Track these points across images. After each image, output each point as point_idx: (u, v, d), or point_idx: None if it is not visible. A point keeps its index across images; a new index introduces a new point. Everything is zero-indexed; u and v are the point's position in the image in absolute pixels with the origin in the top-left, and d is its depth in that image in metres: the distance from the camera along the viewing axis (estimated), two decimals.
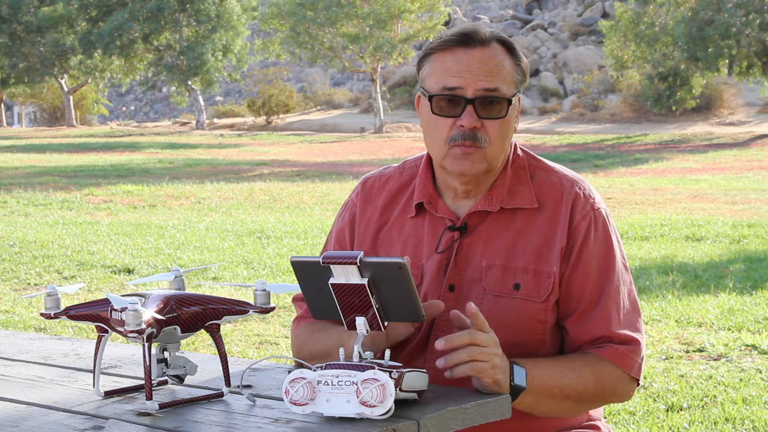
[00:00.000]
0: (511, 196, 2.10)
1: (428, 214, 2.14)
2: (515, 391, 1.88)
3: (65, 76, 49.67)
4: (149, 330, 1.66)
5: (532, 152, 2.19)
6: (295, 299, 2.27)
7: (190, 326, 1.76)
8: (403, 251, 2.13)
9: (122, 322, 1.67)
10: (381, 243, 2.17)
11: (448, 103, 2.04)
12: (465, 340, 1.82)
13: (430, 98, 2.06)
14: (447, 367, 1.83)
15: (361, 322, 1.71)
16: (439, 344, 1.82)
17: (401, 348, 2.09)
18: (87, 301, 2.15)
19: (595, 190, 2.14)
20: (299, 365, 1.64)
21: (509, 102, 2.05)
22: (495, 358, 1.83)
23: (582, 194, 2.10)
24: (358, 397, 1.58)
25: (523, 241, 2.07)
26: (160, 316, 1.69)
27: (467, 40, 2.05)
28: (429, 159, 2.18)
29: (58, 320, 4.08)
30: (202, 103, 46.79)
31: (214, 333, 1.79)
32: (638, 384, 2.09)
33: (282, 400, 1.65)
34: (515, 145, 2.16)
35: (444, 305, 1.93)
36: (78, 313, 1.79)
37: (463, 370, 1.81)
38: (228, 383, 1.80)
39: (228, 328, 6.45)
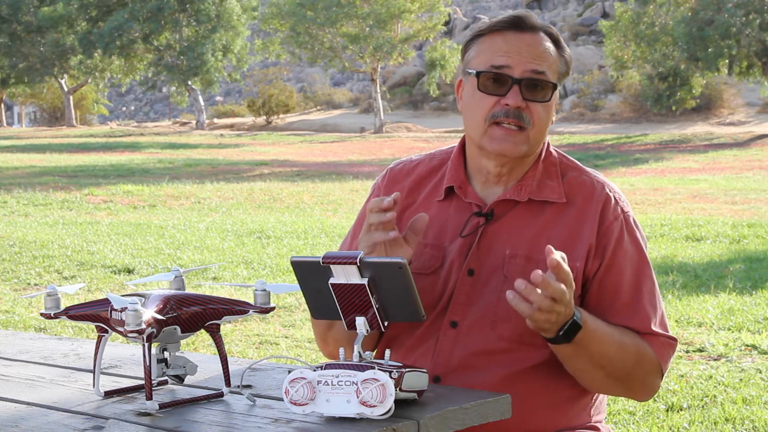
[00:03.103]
0: (540, 189, 2.11)
1: (455, 198, 2.14)
2: (557, 340, 1.92)
3: (65, 76, 49.66)
4: (149, 330, 1.66)
5: (564, 153, 2.21)
6: None
7: (190, 326, 1.76)
8: (427, 233, 2.12)
9: (122, 322, 1.67)
10: (405, 224, 2.16)
11: (495, 81, 2.05)
12: (557, 291, 1.82)
13: (478, 75, 2.06)
14: (519, 296, 1.82)
15: (361, 322, 1.71)
16: (537, 277, 1.80)
17: (415, 329, 2.09)
18: (87, 301, 2.15)
19: (623, 195, 2.17)
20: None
21: (554, 87, 2.07)
22: (554, 315, 1.86)
23: (613, 197, 2.12)
24: (358, 397, 1.58)
25: (549, 234, 2.07)
26: (160, 316, 1.69)
27: (519, 23, 2.07)
28: (462, 145, 2.19)
29: (58, 320, 4.07)
30: (202, 103, 46.78)
31: (214, 333, 1.79)
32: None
33: (282, 400, 1.65)
34: (548, 143, 2.17)
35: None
36: (78, 313, 1.79)
37: (522, 308, 1.83)
38: (228, 383, 1.80)
39: (228, 328, 6.45)
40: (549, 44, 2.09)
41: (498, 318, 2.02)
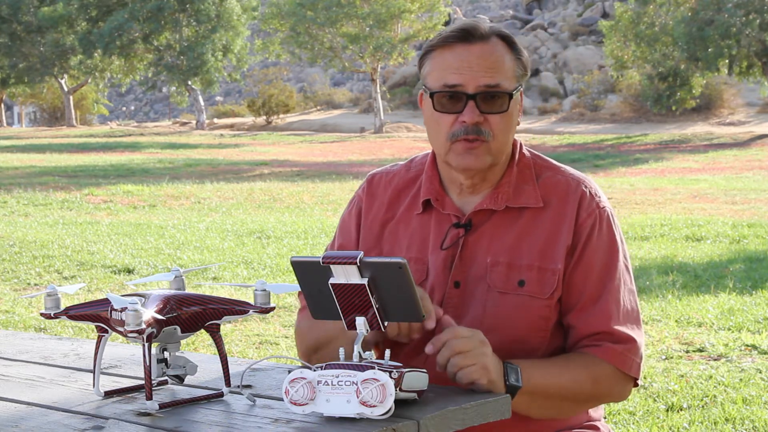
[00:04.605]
0: (517, 195, 2.10)
1: (434, 210, 2.14)
2: (511, 390, 1.88)
3: (65, 76, 49.65)
4: (149, 330, 1.66)
5: (538, 152, 2.19)
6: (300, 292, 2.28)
7: (190, 326, 1.76)
8: (409, 247, 2.14)
9: (122, 322, 1.67)
10: (387, 238, 2.18)
11: (450, 99, 2.05)
12: (446, 356, 1.85)
13: (432, 95, 2.07)
14: (451, 378, 1.86)
15: (361, 322, 1.71)
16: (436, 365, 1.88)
17: (402, 346, 2.09)
18: (87, 301, 2.15)
19: (601, 190, 2.16)
20: (305, 367, 1.64)
21: (510, 96, 2.05)
22: (483, 357, 1.85)
23: (588, 192, 2.11)
24: (358, 397, 1.58)
25: (528, 239, 2.07)
26: (160, 316, 1.69)
27: (467, 35, 2.05)
28: (434, 155, 2.19)
29: (58, 320, 4.08)
30: (202, 103, 46.77)
31: (214, 333, 1.79)
32: (636, 383, 2.09)
33: (282, 400, 1.65)
34: (521, 144, 2.17)
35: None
36: (78, 313, 1.79)
37: (460, 378, 1.84)
38: (228, 383, 1.80)
39: (228, 328, 6.45)
40: (502, 50, 2.07)
41: (485, 328, 1.98)
